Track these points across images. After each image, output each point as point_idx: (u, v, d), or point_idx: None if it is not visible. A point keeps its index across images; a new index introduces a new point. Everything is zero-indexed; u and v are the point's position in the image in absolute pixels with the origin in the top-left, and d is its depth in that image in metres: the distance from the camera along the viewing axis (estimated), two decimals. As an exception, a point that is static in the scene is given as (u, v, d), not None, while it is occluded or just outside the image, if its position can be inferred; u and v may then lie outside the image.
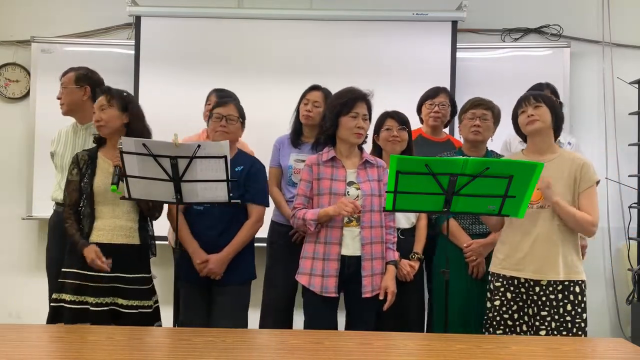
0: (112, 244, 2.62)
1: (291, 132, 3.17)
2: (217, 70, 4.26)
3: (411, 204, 2.38)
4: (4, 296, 4.39)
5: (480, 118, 2.88)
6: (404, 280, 2.81)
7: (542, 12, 4.50)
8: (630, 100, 4.34)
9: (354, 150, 2.68)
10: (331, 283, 2.55)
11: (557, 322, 2.47)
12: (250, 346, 1.94)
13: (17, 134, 4.46)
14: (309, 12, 4.45)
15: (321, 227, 2.57)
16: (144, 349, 1.85)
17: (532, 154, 2.61)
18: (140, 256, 2.69)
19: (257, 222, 2.83)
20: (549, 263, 2.49)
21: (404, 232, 2.87)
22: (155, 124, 3.47)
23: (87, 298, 2.57)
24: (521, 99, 2.63)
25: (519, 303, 2.54)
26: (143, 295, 2.65)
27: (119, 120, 2.68)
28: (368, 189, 2.60)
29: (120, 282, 2.60)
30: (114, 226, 2.64)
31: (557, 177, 2.52)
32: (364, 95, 2.65)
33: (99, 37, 4.52)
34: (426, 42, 4.31)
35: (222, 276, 2.75)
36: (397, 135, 2.88)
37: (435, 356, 1.84)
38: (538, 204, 2.51)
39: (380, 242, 2.62)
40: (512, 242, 2.57)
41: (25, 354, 1.79)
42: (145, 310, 2.64)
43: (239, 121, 2.84)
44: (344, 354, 1.85)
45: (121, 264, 2.60)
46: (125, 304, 2.60)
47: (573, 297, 2.48)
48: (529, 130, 2.57)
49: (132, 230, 2.67)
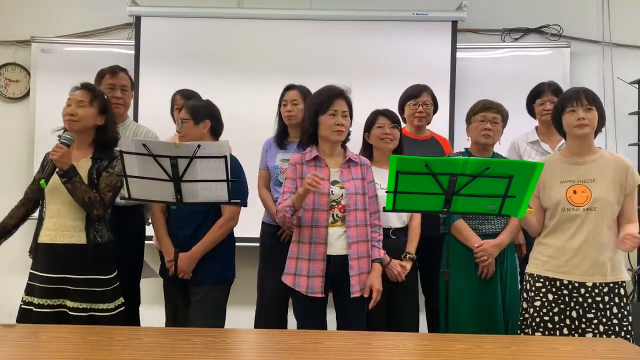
0: (56, 244, 2.52)
1: (276, 134, 3.20)
2: (217, 70, 4.26)
3: (411, 204, 2.38)
4: (4, 296, 4.38)
5: (491, 122, 2.86)
6: (394, 280, 2.80)
7: (542, 12, 4.50)
8: (630, 100, 4.34)
9: (336, 148, 2.67)
10: (317, 283, 2.53)
11: (604, 325, 2.44)
12: (250, 346, 1.95)
13: (17, 134, 4.46)
14: (309, 12, 4.45)
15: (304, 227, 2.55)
16: (144, 349, 1.85)
17: (572, 155, 2.56)
18: (92, 256, 2.52)
19: (230, 220, 2.77)
20: (597, 265, 2.46)
21: (395, 232, 2.86)
22: (155, 124, 3.47)
23: (34, 299, 2.51)
24: (571, 96, 2.51)
25: (561, 305, 2.48)
26: (96, 298, 2.51)
27: (93, 121, 2.61)
28: (352, 188, 2.59)
29: (66, 283, 2.49)
30: (58, 225, 2.54)
31: (601, 178, 2.49)
32: (341, 92, 2.63)
33: (99, 37, 4.52)
34: (426, 42, 4.30)
35: (191, 275, 2.71)
36: (389, 133, 2.87)
37: (435, 356, 1.84)
38: (584, 206, 2.48)
39: (365, 241, 2.61)
40: (557, 245, 2.52)
41: (25, 354, 1.79)
42: (99, 314, 2.50)
43: (190, 121, 2.78)
44: (344, 354, 1.85)
45: (67, 265, 2.50)
46: (72, 306, 2.48)
47: (618, 300, 2.47)
48: (578, 134, 2.50)
49: (77, 229, 2.54)
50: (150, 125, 3.31)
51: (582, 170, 2.52)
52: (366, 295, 2.56)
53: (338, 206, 2.57)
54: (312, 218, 2.54)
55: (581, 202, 2.47)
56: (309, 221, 2.55)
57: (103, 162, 2.59)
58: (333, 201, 2.56)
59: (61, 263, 2.50)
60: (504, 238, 2.84)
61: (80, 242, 2.53)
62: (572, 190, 2.50)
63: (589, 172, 2.46)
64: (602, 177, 2.49)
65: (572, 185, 2.50)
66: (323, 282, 2.54)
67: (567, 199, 2.49)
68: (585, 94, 2.51)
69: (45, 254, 2.54)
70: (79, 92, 2.63)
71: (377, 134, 2.89)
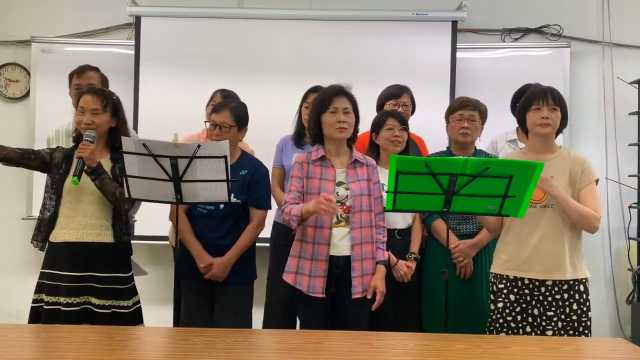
0: (82, 242, 2.55)
1: (294, 133, 3.18)
2: (217, 70, 4.26)
3: (411, 204, 2.38)
4: (4, 296, 4.39)
5: (468, 120, 2.87)
6: (401, 281, 2.80)
7: (542, 12, 4.50)
8: (630, 100, 4.34)
9: (342, 148, 2.66)
10: (319, 284, 2.53)
11: (563, 322, 2.45)
12: (250, 346, 1.94)
13: (17, 134, 4.45)
14: (309, 12, 4.45)
15: (307, 227, 2.55)
16: (144, 349, 1.85)
17: (532, 153, 2.58)
18: (115, 255, 2.60)
19: (259, 226, 2.84)
20: (556, 263, 2.47)
21: (400, 232, 2.87)
22: (155, 124, 3.47)
23: (60, 298, 2.51)
24: (538, 95, 2.52)
25: (522, 305, 2.50)
26: (118, 295, 2.57)
27: (108, 125, 2.63)
28: (357, 189, 2.59)
29: (93, 281, 2.54)
30: (84, 224, 2.57)
31: (558, 175, 2.50)
32: (341, 89, 2.63)
33: (99, 37, 4.52)
34: (426, 42, 4.31)
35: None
36: (398, 135, 2.87)
37: (435, 356, 1.84)
38: (541, 203, 2.49)
39: (370, 242, 2.60)
40: (516, 243, 2.53)
41: (25, 354, 1.79)
42: (120, 311, 2.57)
43: (234, 127, 2.78)
44: (344, 354, 1.85)
45: (93, 263, 2.54)
46: (97, 304, 2.53)
47: (578, 296, 2.47)
48: (540, 132, 2.51)
49: (104, 228, 2.59)
50: (150, 124, 3.32)
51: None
52: (369, 296, 2.56)
53: (343, 207, 2.57)
54: (317, 218, 2.54)
55: (538, 199, 2.48)
56: (313, 221, 2.55)
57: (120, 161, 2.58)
58: (338, 202, 2.54)
59: (88, 261, 2.54)
60: (481, 238, 2.84)
61: (107, 240, 2.58)
62: None
63: (548, 169, 2.44)
64: (559, 175, 2.50)
65: None
66: (325, 283, 2.54)
67: None
68: (551, 94, 2.52)
69: (68, 252, 2.55)
70: (90, 98, 2.59)
71: (386, 136, 2.89)
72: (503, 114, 3.32)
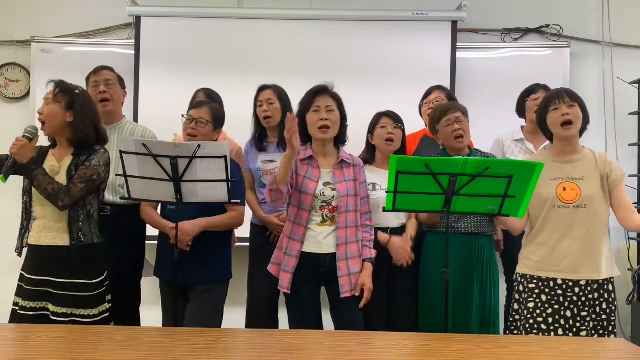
0: (39, 245, 2.46)
1: (253, 137, 3.22)
2: (217, 70, 4.26)
3: (411, 204, 2.38)
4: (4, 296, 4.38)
5: (456, 122, 2.83)
6: (400, 265, 2.78)
7: (542, 12, 4.50)
8: (630, 100, 4.35)
9: (329, 148, 2.65)
10: (285, 278, 2.55)
11: (594, 322, 2.46)
12: (250, 346, 1.94)
13: (17, 134, 4.41)
14: (309, 12, 4.46)
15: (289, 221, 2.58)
16: (144, 349, 1.84)
17: (558, 155, 2.57)
18: (76, 259, 2.43)
19: (237, 216, 2.76)
20: (590, 263, 2.47)
21: (393, 231, 2.86)
22: (155, 124, 3.46)
23: (20, 301, 2.45)
24: (554, 96, 2.54)
25: (555, 306, 2.48)
26: (80, 303, 2.41)
27: (61, 118, 2.48)
28: (344, 190, 2.58)
29: (48, 286, 2.43)
30: (42, 227, 2.48)
31: (590, 176, 2.51)
32: (323, 88, 2.62)
33: (99, 37, 4.52)
34: (426, 42, 4.31)
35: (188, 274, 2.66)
36: (392, 132, 2.87)
37: (435, 356, 1.83)
38: (574, 204, 2.48)
39: (355, 242, 2.60)
40: (548, 244, 2.51)
41: (25, 354, 1.79)
42: (82, 320, 2.40)
43: (210, 124, 2.73)
44: (344, 354, 1.85)
45: (50, 267, 2.43)
46: (53, 311, 2.40)
47: (607, 295, 2.48)
48: (564, 135, 2.51)
49: (61, 230, 2.45)
50: (150, 125, 3.31)
51: (569, 168, 2.53)
52: (357, 294, 2.56)
53: (329, 207, 2.57)
54: (296, 215, 2.57)
55: (571, 200, 2.48)
56: (293, 217, 2.58)
57: (82, 157, 2.50)
58: (324, 202, 2.55)
59: (46, 265, 2.44)
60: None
61: (64, 243, 2.45)
62: (562, 187, 2.51)
63: (577, 170, 2.47)
64: (589, 175, 2.51)
65: (562, 182, 2.51)
66: (291, 279, 2.54)
67: (558, 196, 2.50)
68: (566, 92, 2.54)
69: (32, 255, 2.51)
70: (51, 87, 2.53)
71: (380, 134, 2.89)
72: (503, 113, 3.33)
